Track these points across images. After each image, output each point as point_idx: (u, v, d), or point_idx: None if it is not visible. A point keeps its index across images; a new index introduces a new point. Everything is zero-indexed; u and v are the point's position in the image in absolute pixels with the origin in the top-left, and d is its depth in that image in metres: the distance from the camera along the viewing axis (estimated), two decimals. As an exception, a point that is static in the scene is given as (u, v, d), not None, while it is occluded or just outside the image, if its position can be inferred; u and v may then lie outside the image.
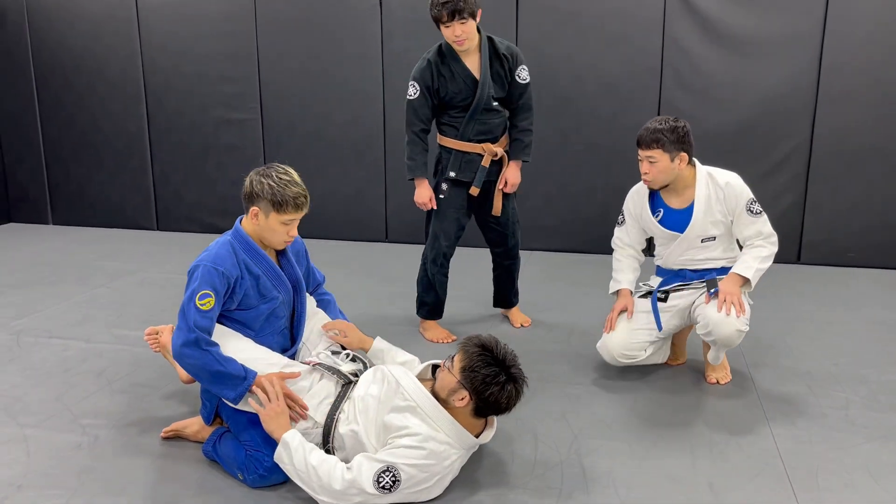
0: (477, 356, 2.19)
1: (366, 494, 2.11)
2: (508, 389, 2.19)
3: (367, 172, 5.75)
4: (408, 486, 2.13)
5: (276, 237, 2.45)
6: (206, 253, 2.42)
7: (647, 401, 2.96)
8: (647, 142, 2.90)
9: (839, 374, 3.21)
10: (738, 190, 2.96)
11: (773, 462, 2.47)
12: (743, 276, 2.92)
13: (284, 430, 2.25)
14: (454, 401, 2.22)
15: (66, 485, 2.34)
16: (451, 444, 2.21)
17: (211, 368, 2.29)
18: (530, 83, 3.53)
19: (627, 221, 3.23)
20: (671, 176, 2.95)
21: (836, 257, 5.08)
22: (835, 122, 4.88)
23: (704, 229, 3.01)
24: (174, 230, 6.23)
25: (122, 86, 6.05)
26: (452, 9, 3.17)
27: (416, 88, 3.45)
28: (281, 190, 2.36)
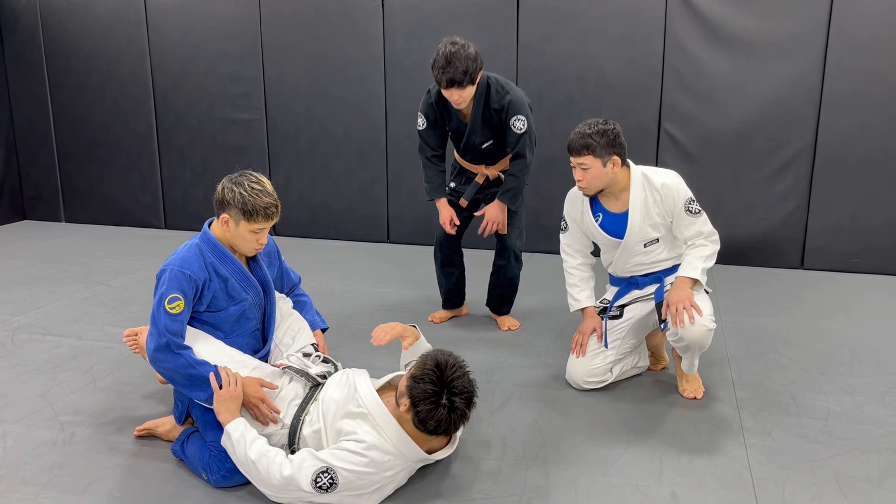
0: (426, 369, 2.18)
1: (302, 492, 2.13)
2: (440, 413, 2.14)
3: (369, 173, 5.78)
4: (345, 489, 2.14)
5: (246, 245, 2.47)
6: (174, 256, 2.45)
7: (623, 409, 2.93)
8: (578, 148, 2.84)
9: (825, 385, 3.14)
10: (674, 190, 2.89)
11: (742, 473, 2.44)
12: (690, 278, 2.86)
13: (232, 417, 2.29)
14: (401, 405, 2.22)
15: (36, 481, 2.39)
16: (397, 455, 2.21)
17: (183, 371, 2.33)
18: (527, 132, 3.44)
19: (570, 227, 3.18)
20: (605, 181, 2.90)
21: (841, 263, 4.98)
22: (839, 125, 4.78)
23: (644, 233, 2.96)
24: (182, 228, 6.32)
25: (131, 87, 6.16)
26: (450, 78, 3.18)
27: (423, 120, 3.58)
28: (252, 199, 2.37)
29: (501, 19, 5.20)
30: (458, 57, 3.13)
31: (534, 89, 5.25)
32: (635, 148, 5.16)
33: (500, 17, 5.20)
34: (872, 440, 2.66)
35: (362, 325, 3.82)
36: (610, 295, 3.20)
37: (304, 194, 5.95)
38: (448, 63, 3.13)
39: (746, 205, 5.03)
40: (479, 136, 3.50)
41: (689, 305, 2.75)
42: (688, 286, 2.83)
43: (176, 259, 2.42)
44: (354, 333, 3.69)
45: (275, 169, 5.97)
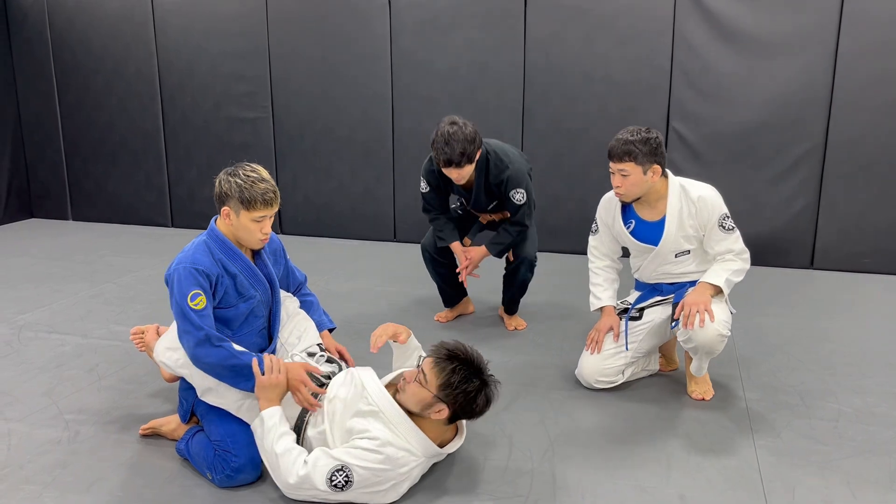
0: (455, 372, 2.16)
1: (317, 491, 2.13)
2: (489, 392, 2.21)
3: (375, 171, 5.76)
4: (360, 487, 2.13)
5: (251, 235, 2.44)
6: (182, 255, 2.43)
7: (630, 409, 2.90)
8: (619, 154, 2.80)
9: (835, 385, 3.11)
10: (710, 204, 2.86)
11: (751, 475, 2.41)
12: (713, 285, 2.82)
13: (270, 404, 2.28)
14: (431, 414, 2.20)
15: (40, 479, 2.38)
16: (411, 451, 2.19)
17: (226, 364, 2.31)
18: (527, 203, 3.49)
19: (601, 230, 3.16)
20: (644, 189, 2.87)
21: (851, 263, 4.94)
22: (850, 122, 4.73)
23: (677, 244, 2.94)
24: (188, 227, 6.32)
25: (138, 85, 6.15)
26: (447, 159, 3.23)
27: (426, 184, 3.62)
28: (249, 187, 2.36)
29: (509, 17, 5.17)
30: (457, 138, 3.18)
31: (540, 87, 5.23)
32: (643, 146, 5.13)
33: (507, 15, 5.18)
34: (883, 442, 2.62)
35: (368, 324, 3.79)
36: (632, 298, 3.17)
37: (310, 193, 5.93)
38: (446, 143, 3.20)
39: (755, 204, 4.99)
40: (484, 202, 3.60)
41: (702, 309, 2.72)
42: (708, 292, 2.80)
43: (185, 257, 2.40)
44: (359, 333, 3.67)
45: (281, 168, 5.96)
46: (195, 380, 2.40)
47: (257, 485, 2.34)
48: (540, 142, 5.32)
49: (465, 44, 5.31)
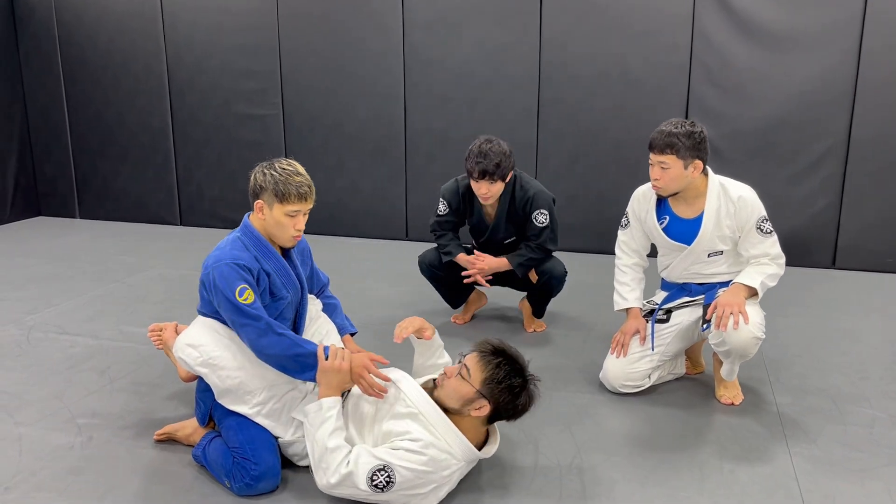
0: (501, 367, 2.12)
1: (357, 490, 2.06)
2: (532, 392, 2.17)
3: (387, 169, 5.68)
4: (401, 488, 2.06)
5: (284, 231, 2.36)
6: (218, 253, 2.34)
7: (658, 414, 2.82)
8: (661, 146, 2.71)
9: (867, 390, 3.02)
10: (750, 205, 2.77)
11: (788, 484, 2.32)
12: (748, 286, 2.73)
13: (332, 391, 2.22)
14: (470, 410, 2.13)
15: (53, 486, 2.30)
16: (453, 454, 2.13)
17: (290, 353, 2.25)
18: (549, 226, 3.47)
19: (632, 224, 3.06)
20: (683, 184, 2.78)
21: (874, 262, 4.84)
22: (874, 118, 4.64)
23: (712, 244, 2.84)
24: (196, 225, 6.25)
25: (146, 82, 6.08)
26: (483, 169, 3.26)
27: (445, 206, 3.60)
28: (284, 180, 2.29)
29: (523, 13, 5.09)
30: (493, 151, 3.25)
31: (556, 84, 5.15)
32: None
33: (522, 11, 5.09)
34: (923, 449, 2.54)
35: (383, 325, 3.72)
36: (658, 298, 3.08)
37: (321, 191, 5.75)
38: (483, 156, 3.25)
39: (775, 202, 4.87)
40: (503, 232, 3.56)
41: (737, 311, 2.62)
42: (742, 293, 2.71)
43: (223, 255, 2.31)
44: (376, 334, 3.59)
45: (291, 165, 5.87)
46: (213, 381, 2.32)
47: (279, 493, 2.26)
48: (555, 141, 5.23)
49: (478, 41, 5.23)
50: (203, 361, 2.32)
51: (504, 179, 3.35)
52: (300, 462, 2.37)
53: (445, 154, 5.47)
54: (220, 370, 2.30)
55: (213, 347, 2.32)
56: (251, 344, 2.27)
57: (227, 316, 2.28)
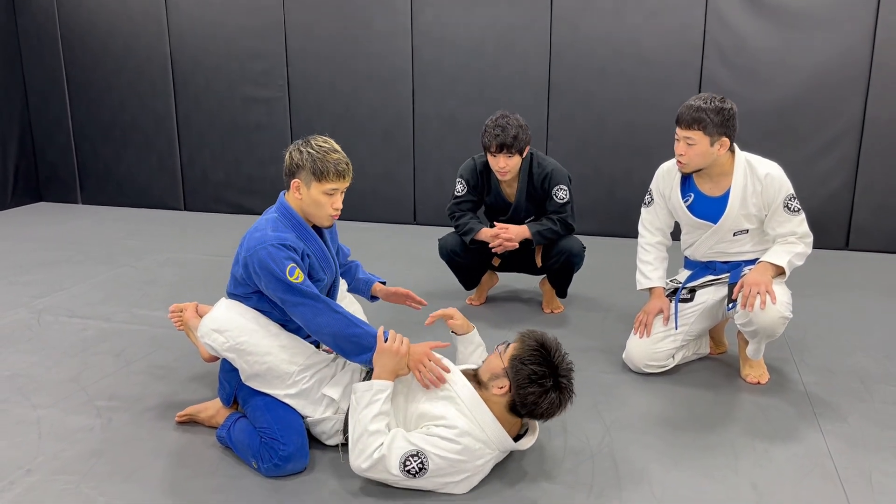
0: (531, 350, 2.07)
1: (389, 475, 2.03)
2: (551, 397, 2.05)
3: (395, 153, 5.61)
4: (434, 475, 2.03)
5: (322, 210, 2.31)
6: (261, 234, 2.26)
7: (685, 394, 2.78)
8: (688, 121, 2.65)
9: (893, 369, 3.00)
10: (777, 182, 2.72)
11: (824, 462, 2.29)
12: (775, 265, 2.68)
13: (387, 375, 2.16)
14: (493, 387, 2.10)
15: (76, 469, 2.25)
16: (488, 443, 2.08)
17: (348, 331, 2.21)
18: (569, 202, 3.45)
19: (656, 201, 3.01)
20: (707, 161, 2.72)
21: (888, 243, 4.82)
22: (889, 99, 4.60)
23: (738, 223, 2.79)
24: (201, 210, 6.18)
25: (149, 64, 5.98)
26: (501, 143, 3.24)
27: (463, 186, 3.56)
28: (321, 157, 2.24)
29: (534, -8, 5.02)
30: (510, 124, 3.25)
31: (567, 64, 5.08)
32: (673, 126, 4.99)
33: (532, -10, 5.02)
34: (955, 427, 2.51)
35: (399, 311, 3.66)
36: (682, 276, 3.04)
37: (328, 174, 5.78)
38: (500, 129, 3.24)
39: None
40: (524, 210, 3.53)
41: (763, 291, 2.58)
42: (769, 272, 2.66)
43: (264, 237, 2.25)
44: (392, 319, 3.54)
45: (297, 148, 5.80)
46: (241, 365, 2.28)
47: (308, 473, 2.22)
48: (567, 120, 5.18)
49: (489, 20, 5.15)
50: (230, 347, 2.27)
51: (521, 153, 3.32)
52: (328, 441, 2.33)
53: (454, 136, 5.41)
54: (248, 355, 2.26)
55: (240, 332, 2.27)
56: (306, 323, 2.22)
57: (279, 296, 2.22)
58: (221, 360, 2.45)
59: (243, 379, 2.31)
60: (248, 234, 2.33)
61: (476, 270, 3.70)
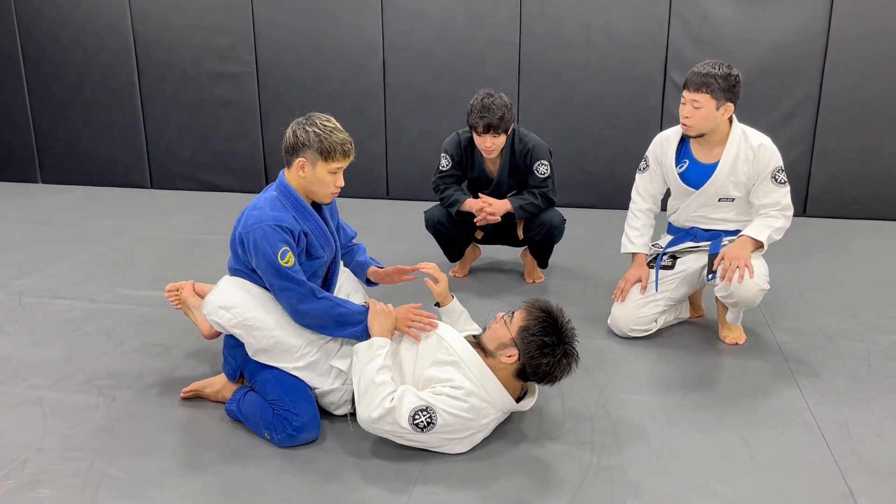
0: (540, 321, 2.15)
1: (397, 427, 2.10)
2: (562, 364, 2.15)
3: (367, 127, 5.62)
4: (440, 431, 2.11)
5: (325, 188, 2.34)
6: (257, 213, 2.29)
7: (669, 356, 2.93)
8: (696, 84, 2.75)
9: (857, 326, 3.20)
10: (769, 153, 2.85)
11: (803, 414, 2.46)
12: (755, 240, 2.82)
13: (382, 333, 2.28)
14: (501, 356, 2.18)
15: (87, 446, 2.28)
16: (492, 403, 2.18)
17: (332, 313, 2.29)
18: (551, 177, 3.54)
19: (651, 167, 3.11)
20: (712, 125, 2.82)
21: (843, 210, 5.06)
22: (844, 71, 4.81)
23: (725, 189, 2.92)
24: (168, 188, 6.10)
25: (109, 38, 5.84)
26: (487, 123, 3.30)
27: (448, 161, 3.61)
28: (328, 136, 2.27)
29: (504, -35, 5.06)
30: (496, 105, 3.29)
31: (537, 38, 5.15)
32: (641, 97, 5.14)
33: (502, -37, 5.06)
34: (919, 378, 2.71)
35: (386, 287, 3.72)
36: (664, 241, 3.17)
37: (298, 150, 5.76)
38: (486, 109, 3.28)
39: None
40: (506, 185, 3.61)
41: (743, 265, 2.70)
42: (749, 247, 2.79)
43: (262, 215, 2.27)
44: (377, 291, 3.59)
45: (266, 125, 5.76)
46: (248, 341, 2.32)
47: (319, 443, 2.29)
48: (537, 94, 5.26)
49: (459, -7, 5.18)
50: (238, 323, 2.30)
51: (507, 132, 3.40)
52: (337, 411, 2.40)
53: (426, 110, 5.45)
54: (255, 331, 2.30)
55: (247, 308, 2.30)
56: (290, 307, 2.28)
57: (267, 278, 2.27)
58: (225, 336, 2.48)
59: (250, 354, 2.35)
60: (247, 211, 2.35)
61: (461, 242, 3.78)
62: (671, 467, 2.16)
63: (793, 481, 2.08)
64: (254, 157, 5.84)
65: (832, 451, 2.23)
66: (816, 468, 2.14)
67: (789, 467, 2.15)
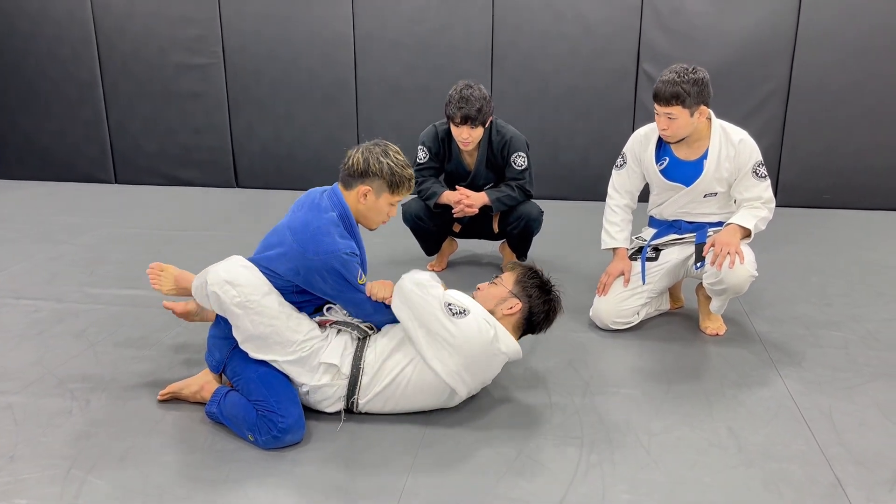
0: (530, 272, 2.40)
1: (432, 298, 2.24)
2: (559, 303, 2.41)
3: (338, 119, 5.54)
4: (469, 331, 2.21)
5: (379, 217, 2.43)
6: (328, 241, 2.26)
7: (652, 348, 2.93)
8: (667, 97, 2.73)
9: (833, 315, 3.24)
10: (749, 148, 2.86)
11: (787, 404, 2.48)
12: (742, 227, 2.82)
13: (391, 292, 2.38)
14: (502, 310, 2.34)
15: (63, 453, 2.19)
16: (503, 343, 2.29)
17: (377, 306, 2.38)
18: (528, 169, 3.53)
19: (629, 164, 3.11)
20: (690, 129, 2.83)
21: (812, 199, 5.14)
22: (813, 63, 4.87)
23: (710, 186, 2.93)
24: (134, 183, 5.95)
25: (69, 29, 5.66)
26: (465, 115, 3.28)
27: (425, 153, 3.59)
28: (400, 171, 2.32)
29: (476, -45, 5.01)
30: (474, 97, 3.27)
31: (510, 28, 5.13)
32: (614, 88, 5.15)
33: (474, -47, 5.01)
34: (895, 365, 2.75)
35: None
36: (647, 235, 3.16)
37: (268, 143, 5.66)
38: (465, 101, 3.26)
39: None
40: (483, 178, 3.59)
41: (733, 251, 2.71)
42: (738, 234, 2.80)
43: (333, 246, 2.25)
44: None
45: (234, 117, 5.65)
46: (244, 324, 2.24)
47: (306, 444, 2.23)
48: (510, 84, 5.23)
49: (431, -17, 5.12)
50: (240, 303, 2.23)
51: (485, 124, 3.37)
52: (329, 408, 2.34)
53: (398, 102, 5.39)
54: (255, 315, 2.23)
55: (254, 291, 2.24)
56: (367, 315, 2.38)
57: (342, 294, 2.32)
58: (212, 326, 2.42)
59: (239, 341, 2.27)
60: (304, 225, 2.30)
61: (439, 235, 3.74)
62: (661, 461, 2.16)
63: (782, 472, 2.09)
64: (222, 150, 5.72)
65: (818, 441, 2.25)
66: (804, 458, 2.16)
67: (777, 458, 2.16)
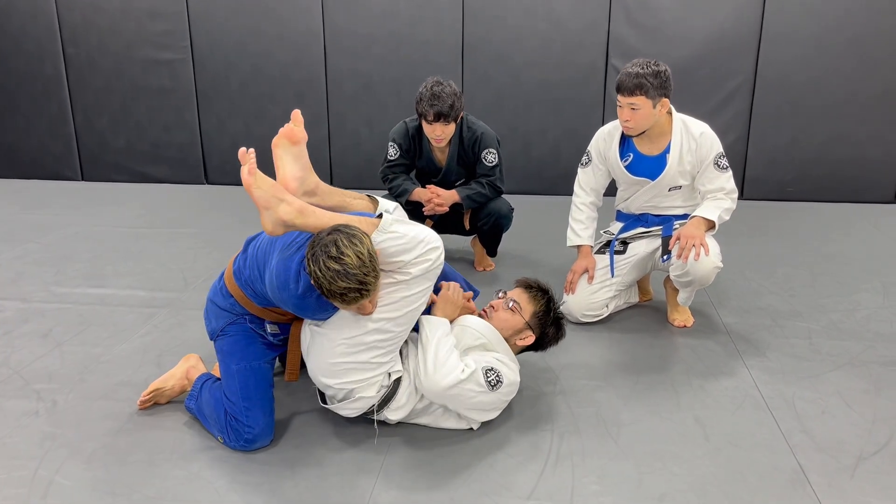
0: (546, 303, 2.39)
1: (475, 385, 2.15)
2: (560, 336, 2.45)
3: (308, 115, 5.40)
4: (503, 391, 2.22)
5: None
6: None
7: (622, 340, 2.97)
8: (630, 88, 2.76)
9: (798, 306, 3.30)
10: (710, 141, 2.91)
11: (752, 393, 2.53)
12: (707, 220, 2.87)
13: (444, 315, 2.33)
14: (516, 339, 2.36)
15: (29, 454, 2.17)
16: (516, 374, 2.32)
17: None
18: (498, 165, 3.53)
19: (594, 161, 3.14)
20: (651, 122, 2.86)
21: (777, 192, 5.22)
22: (778, 58, 4.94)
23: (674, 179, 2.97)
24: (101, 180, 5.86)
25: (33, 24, 5.54)
26: (438, 112, 3.26)
27: (396, 150, 3.57)
28: (328, 284, 1.95)
29: (446, -50, 5.01)
30: (446, 93, 3.26)
31: (481, 25, 5.13)
32: (583, 84, 5.18)
33: (444, -52, 5.01)
34: (857, 354, 2.81)
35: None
36: (614, 229, 3.20)
37: (239, 139, 5.60)
38: (436, 97, 3.25)
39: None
40: (454, 174, 3.59)
41: (699, 243, 2.75)
42: (702, 226, 2.84)
43: None
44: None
45: (204, 112, 5.58)
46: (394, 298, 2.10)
47: (276, 443, 2.23)
48: (481, 80, 5.24)
49: (400, -22, 5.11)
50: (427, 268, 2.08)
51: (456, 120, 3.38)
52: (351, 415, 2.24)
53: (370, 97, 5.37)
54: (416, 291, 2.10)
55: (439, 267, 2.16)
56: None
57: None
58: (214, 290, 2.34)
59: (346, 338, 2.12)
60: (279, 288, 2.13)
61: None
62: (630, 451, 2.19)
63: (747, 460, 2.14)
64: (192, 146, 5.66)
65: (781, 429, 2.30)
66: (768, 446, 2.21)
67: (743, 446, 2.21)
